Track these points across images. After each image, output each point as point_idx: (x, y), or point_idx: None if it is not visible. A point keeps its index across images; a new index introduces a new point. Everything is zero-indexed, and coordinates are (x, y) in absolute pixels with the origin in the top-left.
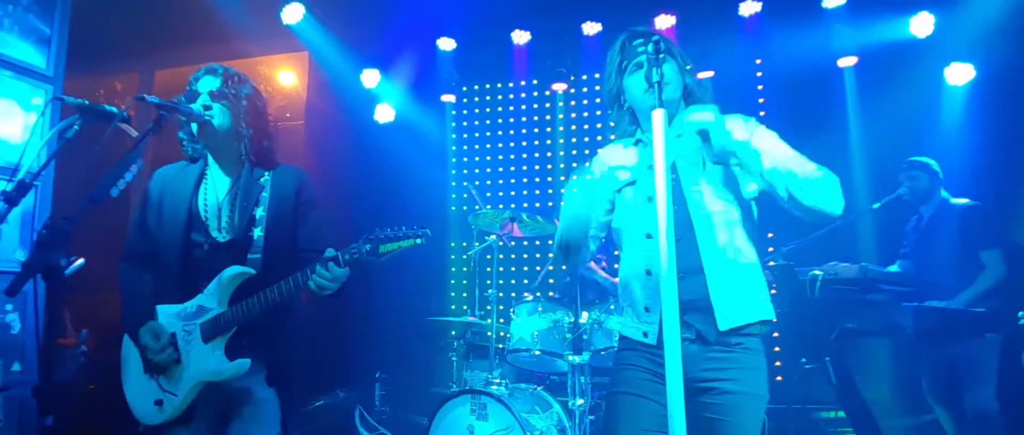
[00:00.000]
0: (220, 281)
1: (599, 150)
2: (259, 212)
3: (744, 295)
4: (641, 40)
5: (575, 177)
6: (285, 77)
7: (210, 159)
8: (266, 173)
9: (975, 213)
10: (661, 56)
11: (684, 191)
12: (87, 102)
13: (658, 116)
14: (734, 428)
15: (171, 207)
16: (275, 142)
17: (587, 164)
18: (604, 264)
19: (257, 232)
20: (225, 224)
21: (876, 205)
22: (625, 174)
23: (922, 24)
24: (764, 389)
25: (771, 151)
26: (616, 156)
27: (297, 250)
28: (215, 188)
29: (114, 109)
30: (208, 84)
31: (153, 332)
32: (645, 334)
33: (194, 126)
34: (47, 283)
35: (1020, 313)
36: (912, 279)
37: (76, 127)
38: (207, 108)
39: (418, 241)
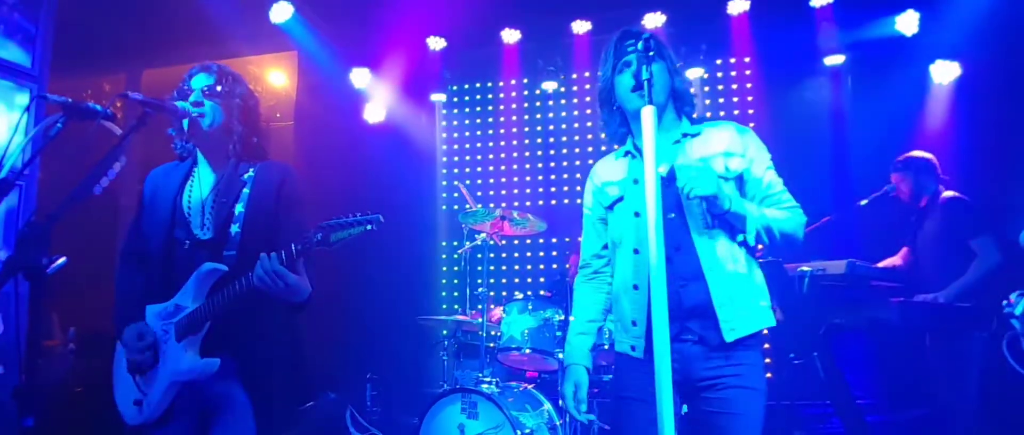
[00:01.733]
0: (195, 279)
1: (594, 164)
2: (239, 208)
3: (746, 304)
4: (632, 40)
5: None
6: (275, 77)
7: (200, 157)
8: (251, 169)
9: (956, 205)
10: (652, 54)
11: (682, 201)
12: (70, 100)
13: (647, 113)
14: (739, 420)
15: (159, 206)
16: (265, 139)
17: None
18: None
19: (235, 228)
20: (207, 221)
21: (864, 202)
22: (614, 190)
23: (908, 22)
24: (763, 385)
25: (755, 214)
26: (606, 171)
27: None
28: (201, 185)
29: (97, 107)
30: (201, 81)
31: (139, 332)
32: (633, 347)
33: (185, 123)
34: (29, 282)
35: (1004, 302)
36: (898, 274)
37: (59, 125)
38: (198, 104)
39: (369, 227)
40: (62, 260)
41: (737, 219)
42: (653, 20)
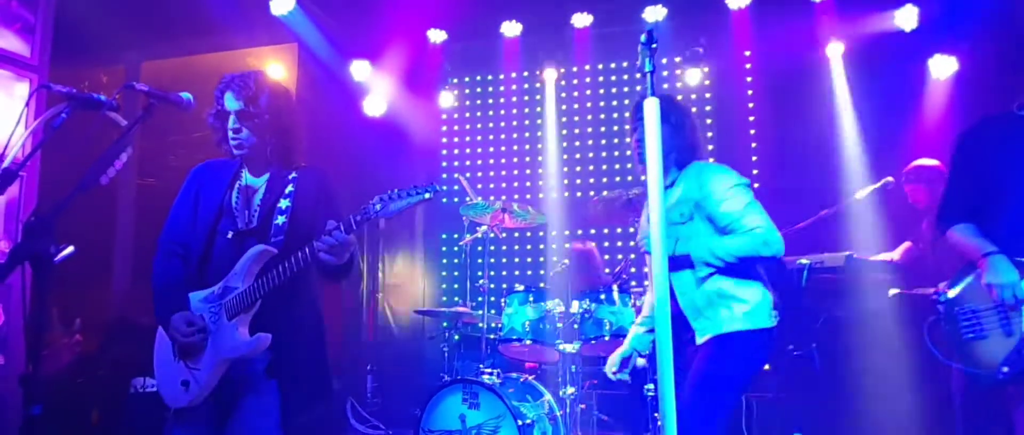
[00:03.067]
0: (244, 261)
1: None
2: (283, 203)
3: (709, 314)
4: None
5: None
6: (274, 70)
7: (244, 161)
8: (293, 173)
9: None
10: (655, 46)
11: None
12: (74, 90)
13: (649, 105)
14: (701, 362)
15: (206, 201)
16: (299, 141)
17: None
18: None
19: (281, 219)
20: (252, 217)
21: (859, 195)
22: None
23: (907, 17)
24: (722, 365)
25: (700, 248)
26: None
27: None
28: (246, 187)
29: (102, 97)
30: (232, 103)
31: (187, 319)
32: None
33: (231, 143)
34: (35, 272)
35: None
36: (895, 267)
37: (64, 116)
38: (237, 131)
39: (427, 196)
40: (70, 249)
41: (685, 257)
42: (653, 13)
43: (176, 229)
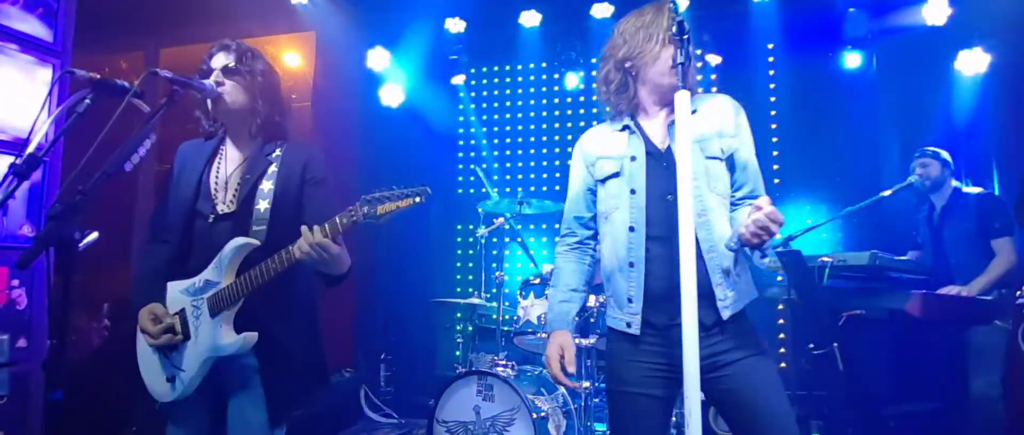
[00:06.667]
0: (225, 254)
1: (582, 136)
2: (266, 185)
3: (739, 281)
4: (674, 17)
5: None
6: (291, 58)
7: (227, 134)
8: (277, 148)
9: (990, 202)
10: (686, 37)
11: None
12: (99, 76)
13: (682, 97)
14: (757, 387)
15: (186, 181)
16: (288, 117)
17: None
18: None
19: (264, 205)
20: (231, 197)
21: (887, 192)
22: (609, 164)
23: (936, 11)
24: (763, 346)
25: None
26: (600, 144)
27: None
28: (227, 162)
29: (126, 84)
30: (221, 61)
31: (152, 314)
32: (628, 325)
33: (209, 102)
34: (60, 256)
35: (1017, 293)
36: (921, 267)
37: (88, 101)
38: (220, 84)
39: (417, 200)
40: (94, 235)
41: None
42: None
43: (163, 211)
